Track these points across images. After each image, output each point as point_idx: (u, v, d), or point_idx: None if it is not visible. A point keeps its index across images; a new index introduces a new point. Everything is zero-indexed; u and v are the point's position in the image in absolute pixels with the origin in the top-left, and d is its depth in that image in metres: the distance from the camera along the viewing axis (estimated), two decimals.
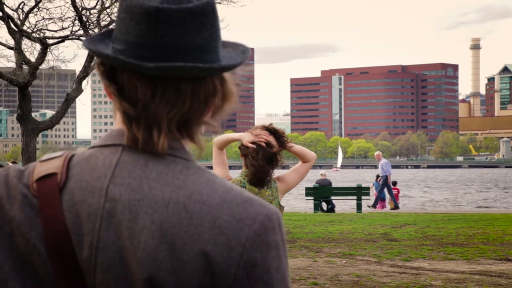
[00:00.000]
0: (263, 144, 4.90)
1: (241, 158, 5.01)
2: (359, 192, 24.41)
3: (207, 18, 1.36)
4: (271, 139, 4.94)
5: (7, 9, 21.80)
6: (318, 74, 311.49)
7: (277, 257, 1.34)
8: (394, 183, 30.11)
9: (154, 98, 1.34)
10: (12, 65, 22.70)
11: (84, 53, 27.02)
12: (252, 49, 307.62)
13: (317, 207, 24.16)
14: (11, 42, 22.15)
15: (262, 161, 4.89)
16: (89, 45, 1.37)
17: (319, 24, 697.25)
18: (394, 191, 29.48)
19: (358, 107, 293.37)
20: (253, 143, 4.90)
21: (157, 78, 1.35)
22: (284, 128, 5.15)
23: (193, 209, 1.32)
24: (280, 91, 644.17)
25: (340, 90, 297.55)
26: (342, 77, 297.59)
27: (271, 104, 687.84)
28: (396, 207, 26.28)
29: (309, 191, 24.70)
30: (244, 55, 1.41)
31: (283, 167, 5.44)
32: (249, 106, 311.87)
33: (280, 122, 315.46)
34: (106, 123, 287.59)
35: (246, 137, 4.93)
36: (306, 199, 26.46)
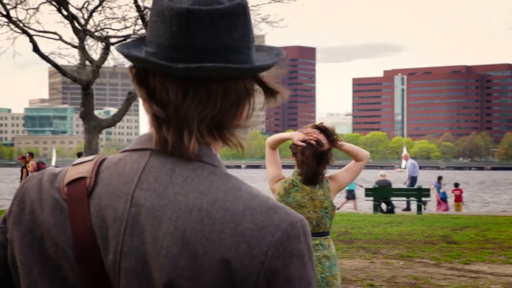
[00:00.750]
0: (313, 142, 4.87)
1: (292, 157, 4.99)
2: (420, 193, 24.11)
3: (238, 19, 1.35)
4: (322, 137, 4.92)
5: (71, 9, 22.22)
6: (381, 74, 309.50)
7: (301, 266, 1.31)
8: (456, 185, 29.68)
9: (186, 99, 1.34)
10: (76, 64, 23.13)
11: None
12: (314, 49, 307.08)
13: (377, 208, 23.98)
14: (75, 41, 22.58)
15: (312, 159, 4.86)
16: (123, 49, 1.38)
17: (381, 23, 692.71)
18: (457, 192, 29.08)
19: (420, 107, 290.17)
20: (303, 141, 4.89)
21: (188, 80, 1.34)
22: (334, 127, 5.12)
23: (216, 216, 1.31)
24: (341, 90, 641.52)
25: (403, 90, 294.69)
26: (405, 77, 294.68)
27: (333, 103, 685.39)
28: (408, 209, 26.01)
29: (368, 192, 24.53)
30: (278, 57, 1.40)
31: (340, 167, 5.39)
32: (310, 106, 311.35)
33: (342, 122, 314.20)
34: None
35: (296, 136, 4.93)
36: (366, 200, 26.28)
